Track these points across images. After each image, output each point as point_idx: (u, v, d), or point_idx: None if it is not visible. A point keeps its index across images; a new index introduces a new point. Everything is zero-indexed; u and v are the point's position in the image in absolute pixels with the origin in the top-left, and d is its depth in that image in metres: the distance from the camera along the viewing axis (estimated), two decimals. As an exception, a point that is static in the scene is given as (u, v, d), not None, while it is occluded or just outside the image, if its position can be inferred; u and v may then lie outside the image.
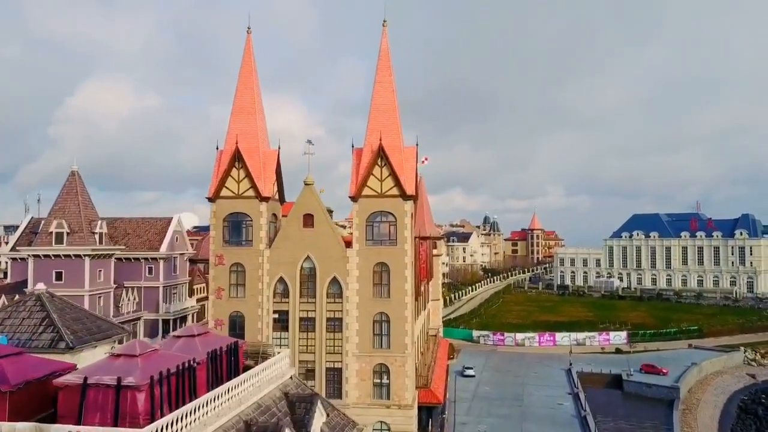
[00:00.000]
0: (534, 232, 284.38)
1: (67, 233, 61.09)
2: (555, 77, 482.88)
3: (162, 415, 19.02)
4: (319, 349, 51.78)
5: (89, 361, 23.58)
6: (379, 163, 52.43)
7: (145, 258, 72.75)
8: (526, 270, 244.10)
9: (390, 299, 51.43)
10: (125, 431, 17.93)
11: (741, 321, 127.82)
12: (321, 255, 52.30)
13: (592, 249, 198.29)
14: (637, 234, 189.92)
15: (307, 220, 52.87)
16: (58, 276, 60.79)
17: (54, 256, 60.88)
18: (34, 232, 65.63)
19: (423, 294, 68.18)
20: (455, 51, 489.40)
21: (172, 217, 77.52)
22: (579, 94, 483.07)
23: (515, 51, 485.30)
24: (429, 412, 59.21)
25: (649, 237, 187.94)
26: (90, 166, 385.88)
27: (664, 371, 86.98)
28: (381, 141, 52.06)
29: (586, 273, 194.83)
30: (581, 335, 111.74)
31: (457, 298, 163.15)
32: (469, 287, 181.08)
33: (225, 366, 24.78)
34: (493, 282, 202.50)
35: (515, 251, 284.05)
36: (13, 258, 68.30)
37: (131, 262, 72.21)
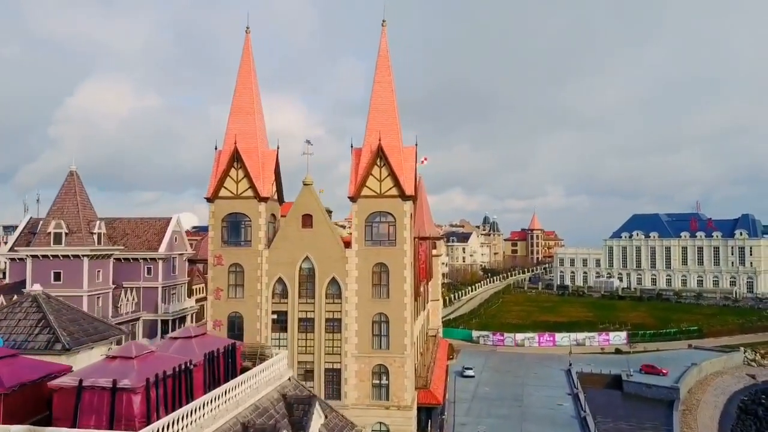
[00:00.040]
0: (534, 232, 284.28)
1: (66, 233, 60.89)
2: (555, 77, 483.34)
3: (158, 418, 18.90)
4: (318, 350, 51.63)
5: (86, 363, 23.42)
6: (379, 164, 52.28)
7: (144, 258, 72.59)
8: (525, 270, 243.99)
9: (389, 300, 51.30)
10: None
11: (741, 321, 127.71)
12: (320, 255, 52.16)
13: (591, 249, 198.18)
14: (637, 234, 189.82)
15: (306, 220, 52.73)
16: (56, 276, 60.61)
17: (52, 256, 60.67)
18: (32, 232, 65.44)
19: (422, 294, 68.02)
20: (455, 51, 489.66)
21: (171, 218, 77.33)
22: (579, 94, 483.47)
23: (515, 51, 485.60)
24: (428, 412, 59.08)
25: (649, 237, 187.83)
26: (90, 166, 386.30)
27: (663, 372, 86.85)
28: (380, 141, 51.92)
29: (585, 273, 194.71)
30: (581, 335, 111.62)
31: (457, 298, 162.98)
32: (469, 287, 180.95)
33: (222, 368, 24.63)
34: (493, 282, 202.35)
35: (515, 251, 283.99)
36: (12, 258, 68.15)
37: (130, 262, 72.04)
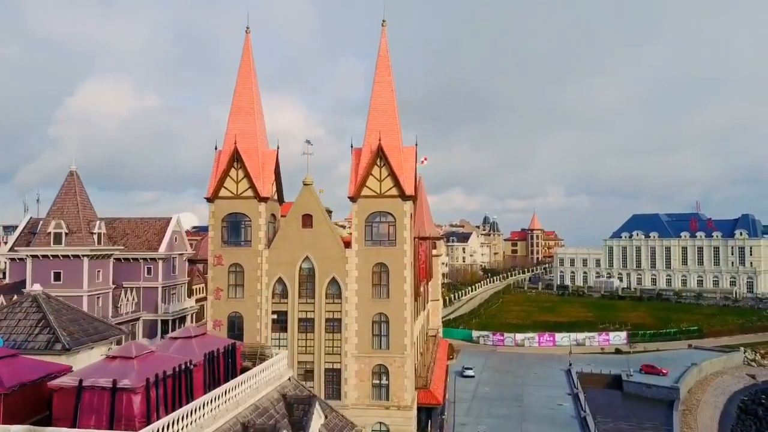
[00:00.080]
0: (534, 232, 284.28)
1: (66, 233, 60.88)
2: (555, 77, 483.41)
3: (158, 418, 18.90)
4: (318, 350, 51.63)
5: (86, 363, 23.42)
6: (378, 164, 52.27)
7: (144, 258, 72.58)
8: (525, 270, 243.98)
9: (389, 300, 51.29)
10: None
11: (741, 321, 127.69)
12: (320, 255, 52.15)
13: (591, 249, 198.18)
14: (637, 234, 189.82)
15: (306, 220, 52.73)
16: (56, 276, 60.60)
17: (52, 256, 60.67)
18: (32, 232, 65.44)
19: (422, 294, 68.01)
20: (455, 51, 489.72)
21: (171, 218, 77.33)
22: (579, 94, 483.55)
23: (515, 51, 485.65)
24: (428, 412, 59.07)
25: (649, 237, 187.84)
26: (90, 166, 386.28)
27: (663, 372, 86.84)
28: (380, 141, 51.91)
29: (585, 273, 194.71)
30: (581, 335, 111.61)
31: (457, 298, 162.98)
32: (469, 287, 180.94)
33: (222, 368, 24.63)
34: (493, 282, 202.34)
35: (515, 251, 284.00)
36: (12, 258, 68.15)
37: (130, 262, 72.04)
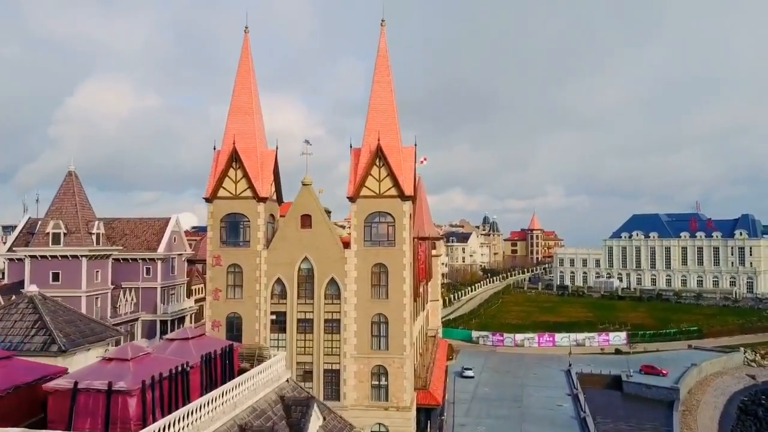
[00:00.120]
0: (533, 232, 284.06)
1: (64, 234, 60.75)
2: (555, 77, 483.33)
3: (154, 421, 18.74)
4: (317, 351, 51.48)
5: (82, 365, 23.27)
6: (378, 164, 52.11)
7: (143, 258, 72.42)
8: (525, 270, 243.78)
9: (388, 300, 51.14)
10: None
11: (741, 321, 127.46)
12: (319, 256, 52.01)
13: (591, 249, 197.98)
14: (637, 234, 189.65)
15: (305, 220, 52.59)
16: (54, 277, 60.48)
17: (51, 256, 60.52)
18: (31, 232, 65.28)
19: (422, 295, 67.88)
20: (455, 51, 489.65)
21: (170, 218, 77.19)
22: (579, 94, 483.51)
23: (515, 51, 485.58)
24: (428, 413, 58.92)
25: (649, 237, 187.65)
26: (90, 166, 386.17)
27: (663, 372, 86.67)
28: (379, 141, 51.75)
29: (585, 273, 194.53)
30: (581, 336, 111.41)
31: (457, 298, 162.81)
32: (469, 288, 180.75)
33: (219, 369, 24.47)
34: (493, 282, 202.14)
35: (515, 251, 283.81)
36: (11, 258, 67.98)
37: (129, 262, 71.87)
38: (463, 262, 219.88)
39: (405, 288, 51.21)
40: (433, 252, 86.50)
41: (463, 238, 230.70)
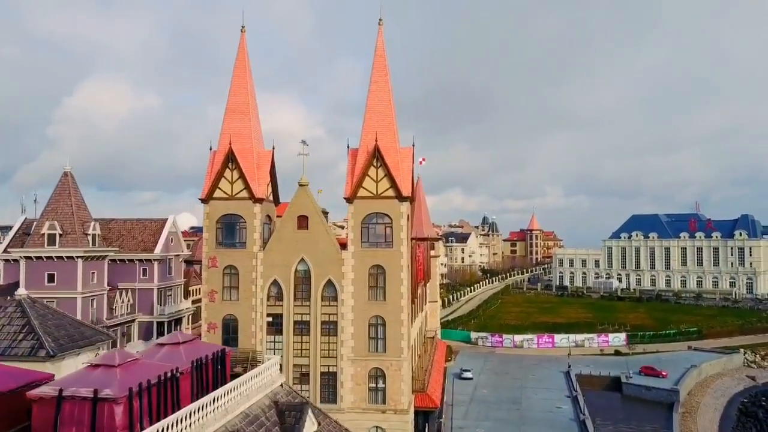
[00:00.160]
0: (533, 232, 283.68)
1: (60, 234, 60.30)
2: (553, 77, 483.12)
3: (141, 429, 18.24)
4: (314, 353, 50.96)
5: (72, 370, 22.78)
6: (375, 164, 51.62)
7: (140, 259, 71.94)
8: (524, 271, 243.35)
9: (386, 302, 50.64)
10: (102, 446, 17.17)
11: (740, 322, 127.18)
12: (315, 257, 51.51)
13: (591, 250, 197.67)
14: (636, 234, 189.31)
15: (302, 221, 52.07)
16: (50, 278, 60.04)
17: (46, 257, 60.07)
18: (26, 233, 64.80)
19: (420, 296, 67.38)
20: (453, 51, 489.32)
21: (167, 218, 76.72)
22: (578, 94, 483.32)
23: (513, 51, 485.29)
24: (425, 416, 58.39)
25: (648, 238, 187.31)
26: (89, 166, 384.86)
27: (663, 374, 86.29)
28: (376, 141, 51.25)
29: (584, 274, 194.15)
30: (580, 337, 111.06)
31: (456, 299, 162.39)
32: (468, 288, 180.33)
33: (211, 375, 23.96)
34: (492, 283, 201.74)
35: (514, 252, 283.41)
36: (6, 260, 67.45)
37: (125, 263, 71.36)
38: (462, 262, 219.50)
39: (402, 290, 50.73)
40: (432, 252, 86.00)
41: (462, 238, 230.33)
